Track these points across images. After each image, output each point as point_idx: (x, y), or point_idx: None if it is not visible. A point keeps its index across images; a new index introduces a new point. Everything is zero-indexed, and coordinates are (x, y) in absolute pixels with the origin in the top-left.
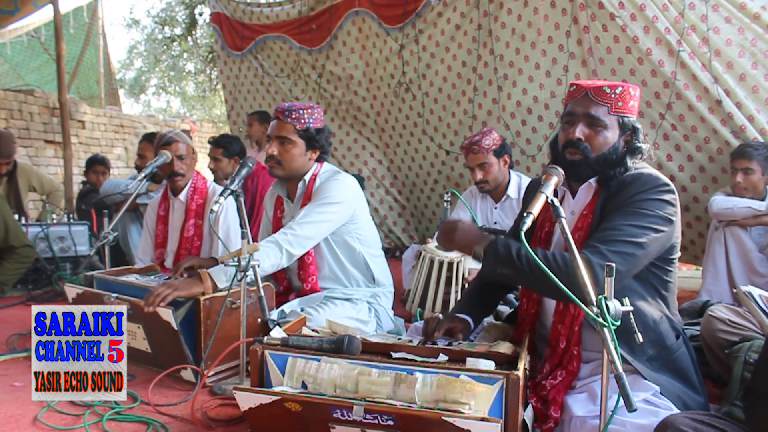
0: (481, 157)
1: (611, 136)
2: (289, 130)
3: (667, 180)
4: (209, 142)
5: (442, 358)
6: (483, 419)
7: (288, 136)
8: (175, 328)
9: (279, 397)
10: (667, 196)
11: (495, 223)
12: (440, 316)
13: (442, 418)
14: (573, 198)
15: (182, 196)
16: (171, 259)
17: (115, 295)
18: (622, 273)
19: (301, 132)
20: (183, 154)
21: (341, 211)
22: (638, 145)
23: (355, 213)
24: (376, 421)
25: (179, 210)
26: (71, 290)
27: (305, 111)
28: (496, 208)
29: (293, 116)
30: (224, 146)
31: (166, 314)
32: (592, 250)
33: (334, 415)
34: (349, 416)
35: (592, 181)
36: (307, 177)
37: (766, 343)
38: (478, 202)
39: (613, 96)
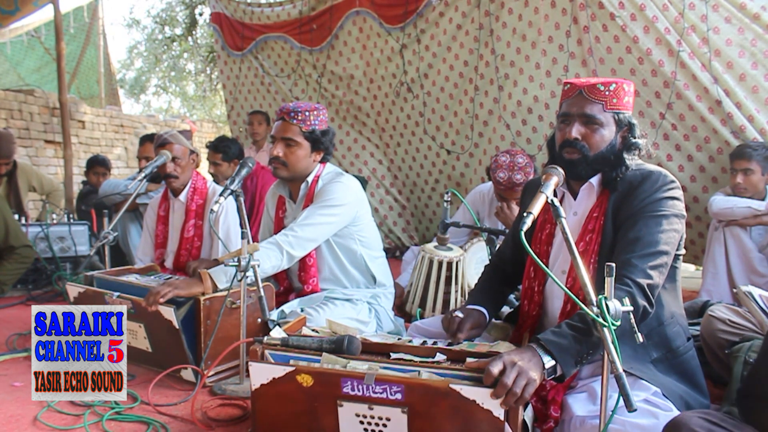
0: (518, 194)
1: (608, 133)
2: (295, 132)
3: (672, 176)
4: (207, 147)
5: (440, 357)
6: (490, 385)
7: (294, 137)
8: (177, 327)
9: (293, 368)
10: (677, 192)
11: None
12: (460, 314)
13: (450, 386)
14: (574, 199)
15: (182, 196)
16: (171, 259)
17: (117, 293)
18: (659, 284)
19: (306, 134)
20: (177, 156)
21: (343, 214)
22: (634, 141)
23: (358, 215)
24: (384, 395)
25: (179, 210)
26: (73, 289)
27: (311, 113)
28: None
29: (299, 118)
30: (223, 151)
31: (168, 313)
32: (632, 269)
33: (344, 389)
34: (360, 388)
35: (593, 181)
36: (309, 178)
37: (764, 347)
38: (486, 206)
39: (607, 93)
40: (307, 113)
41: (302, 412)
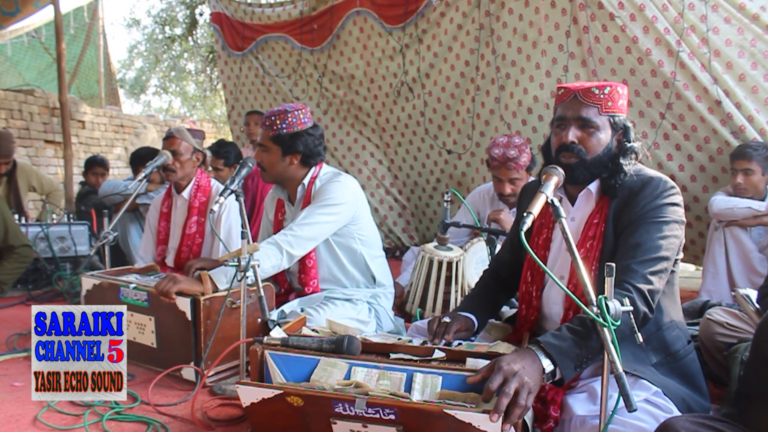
0: (514, 173)
1: (604, 137)
2: (264, 137)
3: (672, 182)
4: (208, 150)
5: (438, 354)
6: (485, 411)
7: (263, 142)
8: (189, 319)
9: (281, 391)
10: (677, 198)
11: None
12: (447, 318)
13: (444, 411)
14: (572, 205)
15: (185, 193)
16: (172, 256)
17: (134, 284)
18: (660, 290)
19: (273, 138)
20: (179, 151)
21: (342, 213)
22: (630, 145)
23: (357, 214)
24: (377, 416)
25: (182, 207)
26: (88, 281)
27: (278, 117)
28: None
29: (267, 123)
30: (225, 156)
31: (183, 304)
32: (633, 274)
33: (336, 410)
34: (351, 410)
35: (591, 187)
36: (306, 180)
37: (752, 348)
38: (488, 205)
39: (602, 96)
40: (273, 117)
41: (296, 426)
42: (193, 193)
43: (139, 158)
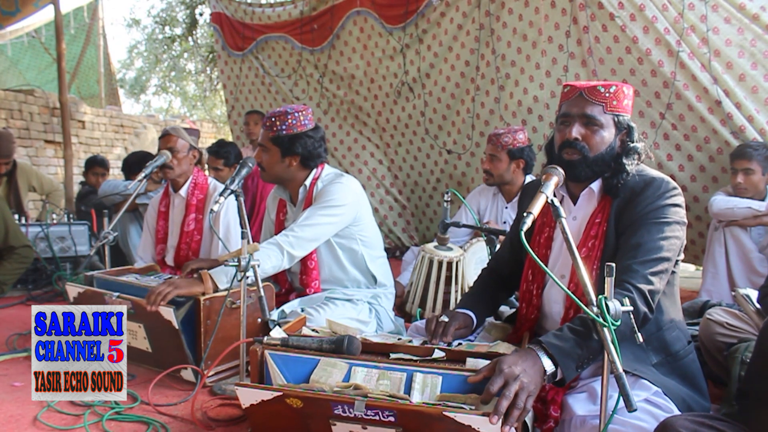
0: (492, 149)
1: (607, 135)
2: (264, 138)
3: (674, 183)
4: (207, 151)
5: (438, 354)
6: (484, 414)
7: (263, 143)
8: (176, 327)
9: (281, 393)
10: (679, 199)
11: (504, 222)
12: (445, 318)
13: (444, 413)
14: (574, 204)
15: (183, 191)
16: (171, 254)
17: (116, 294)
18: (660, 291)
19: (273, 139)
20: (176, 149)
21: (344, 214)
22: (633, 145)
23: (358, 215)
24: (377, 418)
25: (180, 206)
26: (72, 289)
27: (278, 118)
28: (506, 207)
29: (267, 124)
30: (225, 156)
31: (168, 313)
32: (633, 274)
33: (335, 412)
34: (351, 412)
35: (593, 186)
36: (307, 181)
37: (756, 348)
38: (489, 200)
39: (607, 95)
40: (273, 118)
41: (297, 428)
42: (190, 191)
43: (131, 165)
